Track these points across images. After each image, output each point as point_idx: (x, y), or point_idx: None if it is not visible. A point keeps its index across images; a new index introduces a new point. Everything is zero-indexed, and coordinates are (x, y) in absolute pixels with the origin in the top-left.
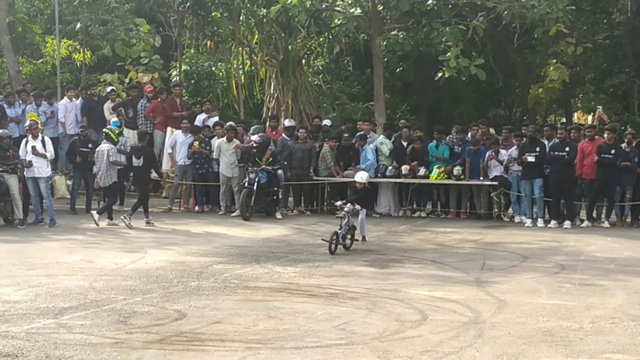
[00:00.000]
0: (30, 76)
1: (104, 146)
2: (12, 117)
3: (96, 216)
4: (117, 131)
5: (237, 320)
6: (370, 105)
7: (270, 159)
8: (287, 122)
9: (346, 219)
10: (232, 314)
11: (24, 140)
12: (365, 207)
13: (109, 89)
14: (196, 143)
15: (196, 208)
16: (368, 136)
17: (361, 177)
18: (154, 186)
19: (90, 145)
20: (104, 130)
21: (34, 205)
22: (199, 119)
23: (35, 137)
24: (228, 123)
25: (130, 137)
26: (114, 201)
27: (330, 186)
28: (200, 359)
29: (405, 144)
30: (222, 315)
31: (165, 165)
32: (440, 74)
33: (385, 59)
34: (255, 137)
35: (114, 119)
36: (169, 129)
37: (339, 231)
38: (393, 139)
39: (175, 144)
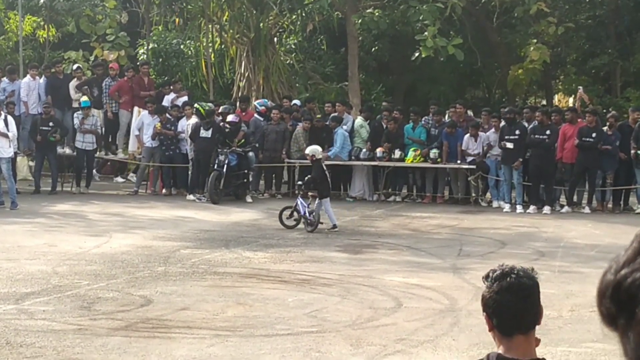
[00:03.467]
0: None
1: (193, 121)
2: None
3: (202, 198)
4: (206, 107)
5: (205, 306)
6: (344, 85)
7: (242, 140)
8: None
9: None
10: (200, 300)
11: None
12: (324, 194)
13: (75, 66)
14: (158, 124)
15: (163, 191)
16: (342, 117)
17: (310, 150)
18: (119, 168)
19: (51, 124)
20: (195, 105)
21: None
22: (168, 99)
23: None
24: (207, 104)
25: (97, 116)
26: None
27: (301, 169)
28: (166, 347)
29: (385, 126)
30: (189, 302)
31: (132, 146)
32: (417, 54)
33: (360, 38)
34: (230, 117)
35: (84, 98)
36: (135, 108)
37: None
38: (368, 121)
39: (142, 125)
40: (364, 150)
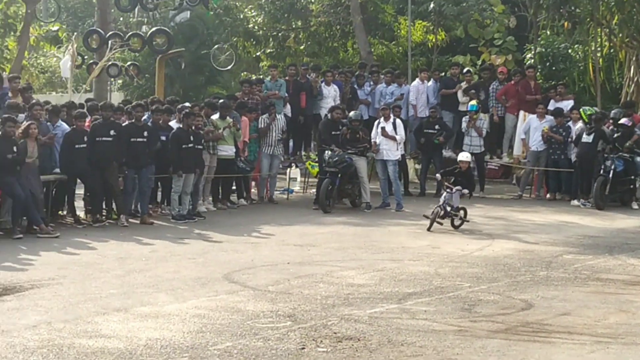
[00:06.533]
0: (382, 57)
1: (579, 126)
2: (361, 99)
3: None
4: (588, 112)
5: (586, 312)
6: None
7: (634, 145)
8: None
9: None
10: (581, 306)
11: (376, 122)
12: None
13: (464, 70)
14: (545, 127)
15: (547, 195)
16: None
17: (466, 156)
18: (504, 172)
19: (437, 127)
20: (579, 110)
21: (382, 188)
22: (553, 104)
23: (386, 118)
24: (590, 109)
25: (484, 119)
26: None
27: None
28: (546, 351)
29: None
30: (570, 307)
31: (517, 150)
32: None
33: None
34: (623, 121)
35: (472, 102)
36: (521, 112)
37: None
38: None
39: (529, 129)
40: None
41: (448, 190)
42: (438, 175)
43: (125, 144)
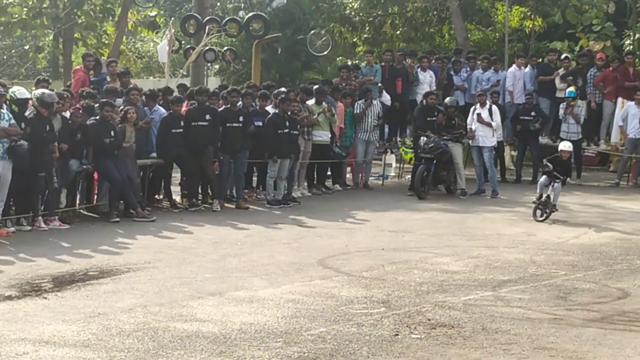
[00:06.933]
0: (479, 44)
1: None
2: (458, 85)
3: None
4: None
5: None
6: None
7: None
8: None
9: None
10: None
11: (472, 108)
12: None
13: (562, 56)
14: None
15: None
16: None
17: (568, 146)
18: (601, 159)
19: (533, 114)
20: None
21: (477, 175)
22: None
23: (482, 105)
24: None
25: (582, 106)
26: None
27: None
28: None
29: None
30: None
31: (614, 137)
32: None
33: None
34: None
35: (570, 88)
36: (619, 99)
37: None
38: None
39: (627, 115)
40: None
41: (557, 180)
42: (549, 165)
43: (220, 129)
